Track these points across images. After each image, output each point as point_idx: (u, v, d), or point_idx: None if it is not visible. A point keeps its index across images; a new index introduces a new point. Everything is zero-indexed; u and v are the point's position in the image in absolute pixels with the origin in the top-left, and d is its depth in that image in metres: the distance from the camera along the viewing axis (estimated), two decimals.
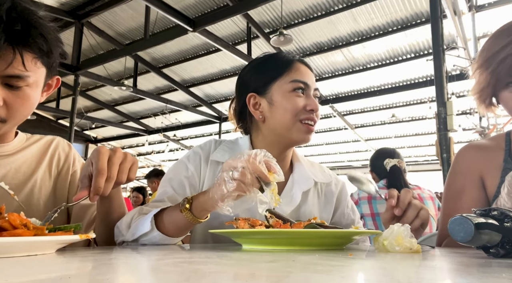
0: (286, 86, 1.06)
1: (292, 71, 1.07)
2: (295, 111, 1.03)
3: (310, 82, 1.07)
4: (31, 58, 0.79)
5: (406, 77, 7.72)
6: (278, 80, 1.07)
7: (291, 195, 1.06)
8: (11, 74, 0.76)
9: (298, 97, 1.05)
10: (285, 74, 1.07)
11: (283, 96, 1.05)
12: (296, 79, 1.06)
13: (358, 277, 0.39)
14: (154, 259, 0.60)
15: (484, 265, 0.52)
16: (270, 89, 1.08)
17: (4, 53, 0.74)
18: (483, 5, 5.57)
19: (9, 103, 0.79)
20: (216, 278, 0.38)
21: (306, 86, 1.06)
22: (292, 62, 1.10)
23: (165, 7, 5.81)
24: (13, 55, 0.75)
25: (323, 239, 0.77)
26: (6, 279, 0.34)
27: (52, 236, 0.58)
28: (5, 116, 0.81)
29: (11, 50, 0.75)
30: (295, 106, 1.03)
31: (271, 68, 1.10)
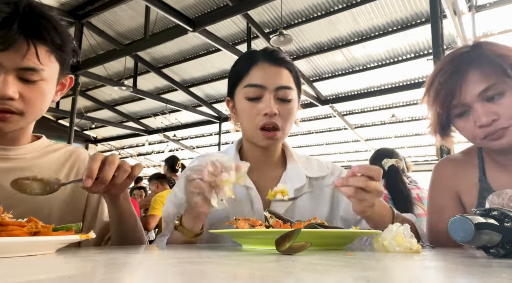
0: (242, 92, 1.04)
1: (249, 74, 1.04)
2: (251, 120, 1.02)
3: (268, 82, 1.01)
4: (44, 52, 0.80)
5: (406, 77, 7.72)
6: (238, 85, 1.06)
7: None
8: (25, 66, 0.77)
9: (252, 103, 1.02)
10: (243, 78, 1.05)
11: (240, 103, 1.06)
12: (249, 84, 1.03)
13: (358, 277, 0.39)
14: (154, 259, 0.60)
15: (484, 265, 0.52)
16: (234, 94, 1.09)
17: (19, 45, 0.75)
18: (483, 5, 5.57)
19: (25, 97, 0.80)
20: (216, 278, 0.38)
21: (261, 89, 1.01)
22: (250, 63, 1.05)
23: (165, 7, 5.81)
24: (28, 47, 0.76)
25: (323, 239, 0.77)
26: (6, 279, 0.34)
27: (52, 236, 0.58)
28: (23, 109, 0.81)
29: (25, 42, 0.76)
30: (249, 114, 1.03)
31: (234, 72, 1.10)
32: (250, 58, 1.06)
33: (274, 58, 1.05)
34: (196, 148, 13.11)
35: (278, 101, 1.02)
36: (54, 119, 12.11)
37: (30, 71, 0.79)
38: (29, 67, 0.78)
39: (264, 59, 1.04)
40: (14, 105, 0.79)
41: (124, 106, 11.10)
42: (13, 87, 0.77)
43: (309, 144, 11.97)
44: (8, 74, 0.77)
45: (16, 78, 0.78)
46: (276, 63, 1.04)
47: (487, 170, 1.06)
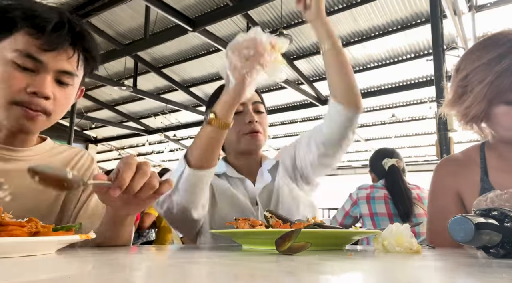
0: None
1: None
2: (236, 131, 1.20)
3: (246, 100, 1.18)
4: (81, 59, 0.88)
5: (406, 77, 7.71)
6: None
7: (262, 176, 1.26)
8: (66, 69, 0.84)
9: (237, 118, 1.14)
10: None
11: None
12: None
13: (358, 277, 0.39)
14: (154, 259, 0.60)
15: (484, 265, 0.52)
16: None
17: (65, 49, 0.83)
18: (483, 5, 5.57)
19: (57, 99, 0.85)
20: (216, 278, 0.38)
21: (242, 105, 1.22)
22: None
23: (165, 7, 5.80)
24: (72, 52, 0.84)
25: (323, 239, 0.77)
26: (6, 279, 0.34)
27: (52, 236, 0.58)
28: (52, 110, 0.85)
29: (71, 48, 0.84)
30: (235, 126, 1.13)
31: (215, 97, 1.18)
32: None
33: None
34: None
35: (255, 112, 1.24)
36: None
37: (68, 75, 0.85)
38: (68, 71, 0.85)
39: None
40: (46, 105, 0.83)
41: (124, 106, 11.09)
42: (50, 87, 0.82)
43: None
44: (48, 73, 0.82)
45: (53, 80, 0.84)
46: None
47: (489, 169, 1.05)
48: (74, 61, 0.85)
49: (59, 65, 0.83)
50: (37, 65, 0.81)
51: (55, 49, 0.81)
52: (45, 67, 0.82)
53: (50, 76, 0.83)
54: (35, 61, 0.81)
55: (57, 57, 0.82)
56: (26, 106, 0.81)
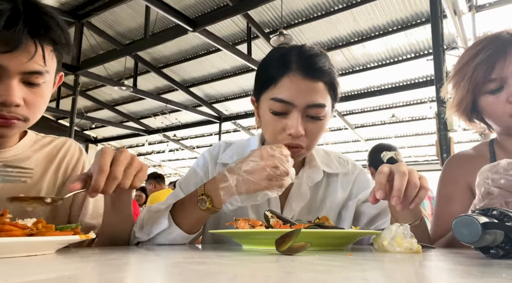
0: (267, 103, 0.93)
1: (277, 85, 0.91)
2: (274, 134, 0.93)
3: (298, 99, 0.89)
4: (49, 51, 0.75)
5: (406, 77, 7.72)
6: (264, 93, 0.95)
7: (300, 191, 1.01)
8: (32, 70, 0.72)
9: (277, 118, 0.91)
10: (271, 88, 0.92)
11: (264, 113, 0.96)
12: (276, 98, 0.90)
13: (358, 277, 0.39)
14: (154, 259, 0.60)
15: (484, 265, 0.52)
16: (260, 99, 0.98)
17: (25, 47, 0.70)
18: (483, 5, 5.57)
19: (29, 102, 0.75)
20: (216, 278, 0.38)
21: (290, 105, 0.89)
22: (282, 70, 0.91)
23: (165, 7, 5.81)
24: (35, 48, 0.71)
25: (323, 239, 0.77)
26: (6, 279, 0.34)
27: (52, 236, 0.58)
28: (27, 114, 0.76)
29: (32, 43, 0.71)
30: (273, 129, 0.93)
31: (262, 74, 0.98)
32: (283, 64, 0.92)
33: (310, 69, 0.90)
34: (196, 147, 13.11)
35: (308, 118, 0.91)
36: (54, 119, 12.11)
37: (36, 75, 0.74)
38: (36, 71, 0.73)
39: (298, 70, 0.90)
40: (19, 112, 0.74)
41: (124, 106, 11.10)
42: (18, 93, 0.72)
43: None
44: (12, 78, 0.71)
45: (20, 83, 0.73)
46: (311, 77, 0.90)
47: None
48: (39, 57, 0.72)
49: (23, 67, 0.71)
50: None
51: (12, 50, 0.68)
52: (6, 72, 0.70)
53: (16, 80, 0.72)
54: None
55: (18, 58, 0.70)
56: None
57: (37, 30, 0.71)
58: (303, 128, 0.90)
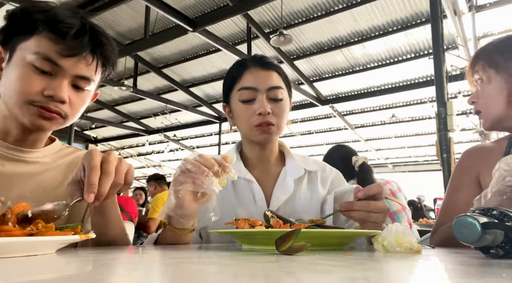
0: (236, 96, 1.12)
1: (241, 79, 1.11)
2: (246, 120, 1.09)
3: (260, 85, 1.08)
4: (99, 65, 0.89)
5: (406, 77, 7.72)
6: (232, 90, 1.14)
7: (285, 184, 1.13)
8: (83, 75, 0.85)
9: (247, 105, 1.09)
10: (236, 84, 1.12)
11: (235, 106, 1.13)
12: (242, 87, 1.10)
13: (358, 277, 0.39)
14: (154, 259, 0.60)
15: (484, 265, 0.52)
16: (230, 99, 1.16)
17: (85, 55, 0.84)
18: (483, 5, 5.57)
19: (72, 103, 0.86)
20: (216, 278, 0.38)
21: (254, 91, 1.08)
22: (242, 69, 1.12)
23: (165, 7, 5.80)
24: (92, 59, 0.85)
25: (323, 239, 0.77)
26: (6, 279, 0.34)
27: (52, 236, 0.58)
28: (68, 113, 0.86)
29: (91, 54, 0.85)
30: (244, 115, 1.09)
31: (228, 78, 1.17)
32: (241, 64, 1.14)
33: (263, 63, 1.13)
34: (196, 148, 13.11)
35: (271, 101, 1.09)
36: None
37: (85, 80, 0.86)
38: (86, 77, 0.86)
39: (254, 65, 1.12)
40: (62, 109, 0.84)
41: (124, 106, 11.10)
42: (67, 91, 0.83)
43: (309, 144, 11.97)
44: (65, 78, 0.83)
45: (70, 85, 0.85)
46: (266, 68, 1.12)
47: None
48: (93, 67, 0.86)
49: (77, 71, 0.84)
50: (55, 69, 0.82)
51: (75, 55, 0.82)
52: (63, 72, 0.82)
53: (67, 81, 0.84)
54: (53, 65, 0.81)
55: (76, 63, 0.83)
56: (41, 107, 0.82)
57: (96, 44, 0.86)
58: (269, 108, 1.07)
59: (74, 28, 0.81)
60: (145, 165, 15.10)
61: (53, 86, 0.81)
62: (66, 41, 0.81)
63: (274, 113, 1.08)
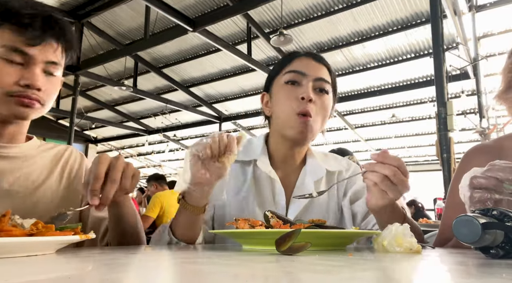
0: (281, 79, 1.08)
1: (290, 65, 1.09)
2: (287, 103, 1.02)
3: (308, 71, 1.05)
4: (63, 50, 0.92)
5: (406, 77, 7.72)
6: (279, 74, 1.10)
7: (304, 186, 1.07)
8: (52, 60, 0.88)
9: (290, 87, 1.04)
10: (284, 69, 1.09)
11: (278, 89, 1.08)
12: (290, 70, 1.06)
13: (358, 277, 0.39)
14: (154, 259, 0.60)
15: (484, 265, 0.52)
16: (272, 85, 1.12)
17: (49, 42, 0.87)
18: (483, 5, 5.57)
19: (47, 89, 0.89)
20: (216, 278, 0.38)
21: (301, 75, 1.04)
22: (293, 56, 1.10)
23: (165, 7, 5.81)
24: (56, 44, 0.89)
25: (323, 239, 0.77)
26: (6, 279, 0.34)
27: (52, 236, 0.58)
28: (45, 99, 0.89)
29: (54, 40, 0.88)
30: (286, 98, 1.03)
31: (276, 66, 1.14)
32: (293, 53, 1.13)
33: (316, 56, 1.11)
34: None
35: (316, 91, 1.05)
36: (54, 119, 12.11)
37: (54, 65, 0.89)
38: (54, 61, 0.89)
39: (307, 55, 1.10)
40: (40, 96, 0.87)
41: (124, 106, 11.10)
42: (41, 79, 0.86)
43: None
44: (37, 66, 0.86)
45: (42, 72, 0.87)
46: (318, 60, 1.10)
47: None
48: (59, 52, 0.90)
49: (46, 57, 0.87)
50: (26, 59, 0.84)
51: (41, 43, 0.85)
52: (34, 60, 0.85)
53: (39, 68, 0.86)
54: (23, 55, 0.84)
55: (43, 50, 0.86)
56: (21, 96, 0.84)
57: (58, 31, 0.89)
58: (313, 96, 1.02)
59: (35, 18, 0.84)
60: (145, 165, 15.09)
61: (28, 76, 0.84)
62: (30, 31, 0.83)
63: (316, 104, 1.02)
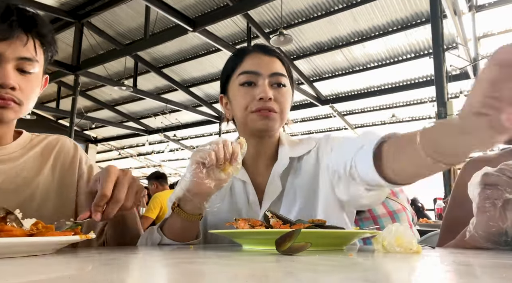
0: (236, 80, 1.05)
1: (242, 64, 1.05)
2: (245, 105, 1.01)
3: (262, 70, 1.02)
4: (38, 44, 0.85)
5: (406, 77, 7.72)
6: (232, 76, 1.07)
7: (274, 184, 1.03)
8: (25, 56, 0.82)
9: (247, 89, 1.02)
10: (236, 69, 1.06)
11: (234, 91, 1.06)
12: (243, 71, 1.03)
13: (358, 277, 0.39)
14: (154, 259, 0.60)
15: (484, 265, 0.52)
16: (228, 86, 1.09)
17: (19, 36, 0.81)
18: (483, 5, 5.57)
19: (23, 88, 0.83)
20: (216, 278, 0.38)
21: (255, 75, 1.02)
22: (243, 54, 1.06)
23: (165, 7, 5.81)
24: (27, 38, 0.82)
25: (323, 239, 0.77)
26: (6, 279, 0.34)
27: (52, 236, 0.58)
28: (22, 99, 0.83)
29: (24, 34, 0.82)
30: (243, 100, 1.02)
31: (227, 66, 1.10)
32: (242, 51, 1.09)
33: (266, 49, 1.08)
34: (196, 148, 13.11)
35: (273, 87, 1.02)
36: (54, 119, 12.11)
37: (28, 61, 0.83)
38: (28, 57, 0.82)
39: (256, 50, 1.07)
40: (15, 95, 0.81)
41: (124, 106, 11.10)
42: (14, 77, 0.81)
43: None
44: (8, 63, 0.80)
45: (15, 70, 0.82)
46: (268, 54, 1.06)
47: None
48: (31, 47, 0.83)
49: (17, 53, 0.81)
50: None
51: (7, 38, 0.79)
52: (3, 58, 0.79)
53: (11, 65, 0.81)
54: None
55: (12, 45, 0.80)
56: None
57: (28, 24, 0.82)
58: (271, 93, 1.00)
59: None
60: (145, 165, 15.09)
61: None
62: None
63: (276, 100, 1.00)
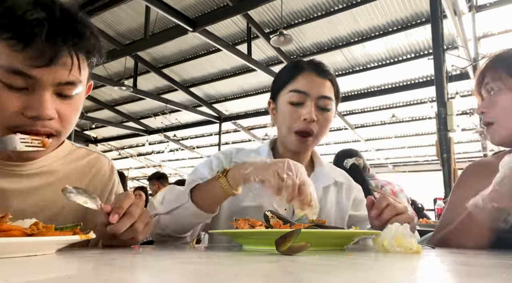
0: (286, 96, 1.12)
1: (295, 81, 1.12)
2: (288, 123, 1.09)
3: (312, 91, 1.08)
4: (83, 61, 0.71)
5: (406, 77, 7.71)
6: (283, 89, 1.14)
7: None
8: (67, 81, 0.68)
9: (293, 108, 1.09)
10: (289, 84, 1.12)
11: (282, 106, 1.13)
12: (294, 89, 1.10)
13: (358, 277, 0.39)
14: (154, 259, 0.60)
15: (484, 265, 0.52)
16: (278, 97, 1.16)
17: (63, 59, 0.65)
18: (483, 5, 5.56)
19: (62, 115, 0.71)
20: (216, 278, 0.38)
21: (305, 95, 1.09)
22: (299, 71, 1.13)
23: (165, 7, 5.80)
24: (71, 60, 0.66)
25: (323, 239, 0.77)
26: (6, 279, 0.34)
27: (52, 236, 0.58)
28: (60, 128, 0.72)
29: (69, 54, 0.66)
30: (289, 118, 1.09)
31: (280, 77, 1.18)
32: (297, 66, 1.16)
33: (320, 69, 1.14)
34: (196, 148, 13.11)
35: (318, 109, 1.10)
36: None
37: (70, 86, 0.69)
38: (71, 82, 0.69)
39: (310, 70, 1.13)
40: (52, 126, 0.70)
41: (124, 106, 11.09)
42: (52, 106, 0.67)
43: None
44: (46, 90, 0.66)
45: (53, 95, 0.68)
46: (321, 75, 1.13)
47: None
48: (75, 69, 0.68)
49: (58, 79, 0.66)
50: (30, 82, 0.65)
51: (50, 64, 0.64)
52: (40, 84, 0.65)
53: (49, 93, 0.67)
54: (26, 78, 0.64)
55: (53, 70, 0.65)
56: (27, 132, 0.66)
57: (73, 40, 0.66)
58: (315, 116, 1.08)
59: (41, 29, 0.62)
60: (145, 165, 15.09)
61: (33, 104, 0.65)
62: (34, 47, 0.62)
63: (319, 123, 1.09)
